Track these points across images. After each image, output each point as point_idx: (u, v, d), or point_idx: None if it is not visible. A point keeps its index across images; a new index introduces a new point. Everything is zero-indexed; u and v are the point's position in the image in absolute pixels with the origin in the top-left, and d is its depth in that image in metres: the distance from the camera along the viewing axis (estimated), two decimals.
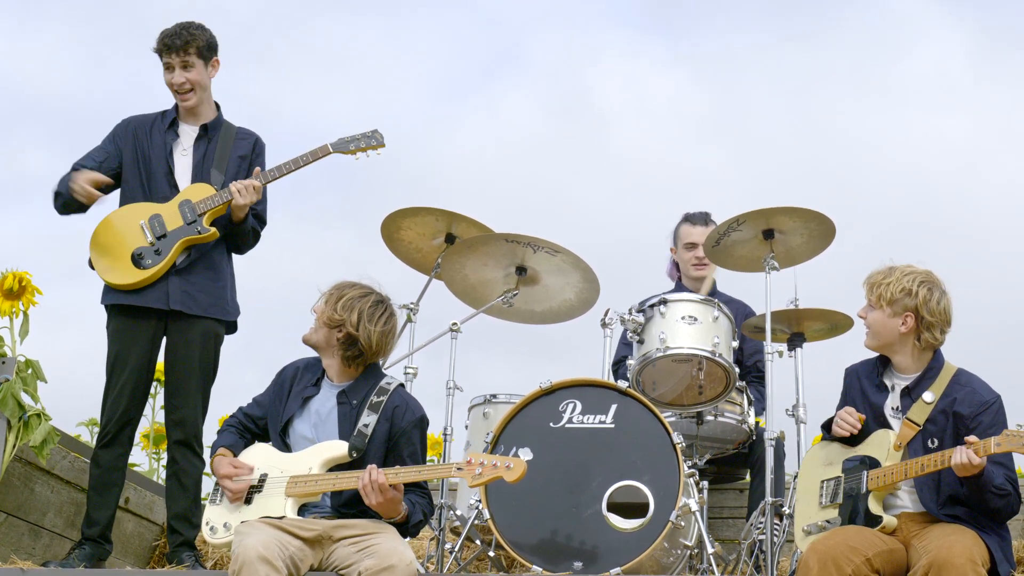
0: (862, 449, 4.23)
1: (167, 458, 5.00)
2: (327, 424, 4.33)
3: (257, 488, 4.26)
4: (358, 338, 4.30)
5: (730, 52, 11.83)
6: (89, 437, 6.05)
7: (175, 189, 4.96)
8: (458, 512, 5.03)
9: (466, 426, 5.36)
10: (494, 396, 5.26)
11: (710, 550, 4.60)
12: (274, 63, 11.41)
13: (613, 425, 4.59)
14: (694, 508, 4.53)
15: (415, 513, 4.22)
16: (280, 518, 4.12)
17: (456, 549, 4.85)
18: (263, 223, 5.09)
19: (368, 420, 4.26)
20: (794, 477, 4.69)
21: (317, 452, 4.26)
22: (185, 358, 4.88)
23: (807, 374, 5.10)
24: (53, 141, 11.66)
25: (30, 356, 4.84)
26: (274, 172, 4.98)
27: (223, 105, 5.18)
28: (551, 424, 4.63)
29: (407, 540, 4.24)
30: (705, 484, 4.86)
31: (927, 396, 4.16)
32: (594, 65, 12.22)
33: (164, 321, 4.89)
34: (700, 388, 5.14)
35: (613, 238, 10.63)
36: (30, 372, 4.79)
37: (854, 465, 4.22)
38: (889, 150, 11.17)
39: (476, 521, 4.76)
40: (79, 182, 4.88)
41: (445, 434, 5.13)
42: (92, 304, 4.98)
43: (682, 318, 5.02)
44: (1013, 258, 10.24)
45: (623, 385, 4.65)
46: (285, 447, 4.34)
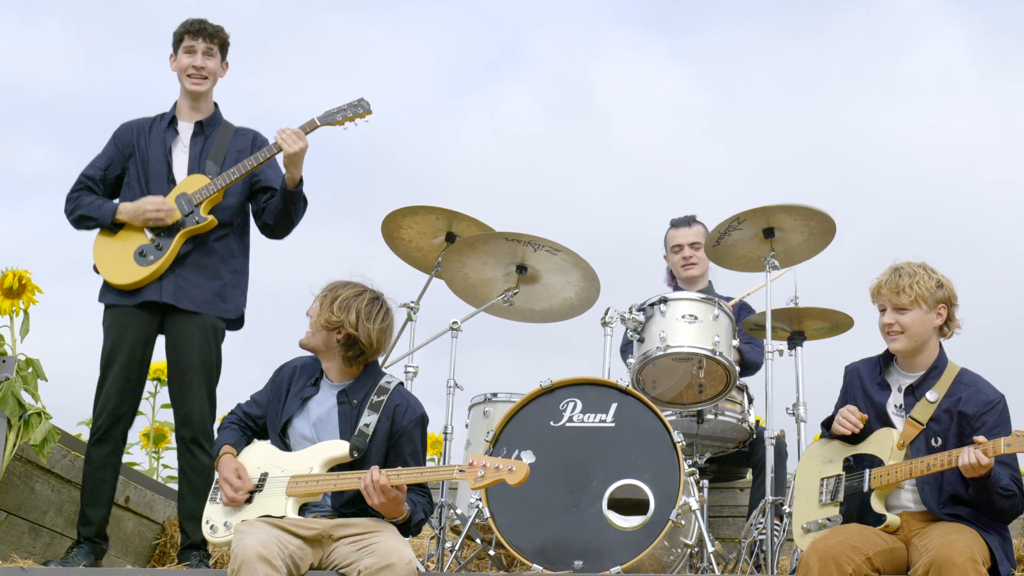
0: (864, 447, 4.22)
1: (177, 456, 4.99)
2: (327, 424, 4.31)
3: (258, 487, 4.25)
4: (358, 338, 4.27)
5: (732, 49, 11.83)
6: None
7: (173, 185, 4.97)
8: (458, 511, 5.03)
9: (466, 425, 5.36)
10: (494, 395, 5.26)
11: (710, 549, 4.60)
12: (275, 61, 11.41)
13: (613, 424, 4.59)
14: (694, 507, 4.53)
15: (416, 512, 4.22)
16: (280, 517, 4.11)
17: (456, 548, 4.85)
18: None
19: (369, 419, 4.25)
20: (794, 475, 4.69)
21: (318, 452, 4.24)
22: (184, 354, 4.87)
23: (807, 373, 5.11)
24: (54, 139, 11.67)
25: (30, 355, 4.84)
26: (265, 153, 4.93)
27: (224, 102, 5.22)
28: (551, 423, 4.63)
29: (407, 539, 4.23)
30: (705, 483, 4.87)
31: (931, 395, 4.15)
32: (596, 62, 12.23)
33: (160, 317, 4.89)
34: (700, 387, 5.14)
35: (614, 236, 10.63)
36: (30, 371, 4.79)
37: (855, 463, 4.21)
38: (891, 146, 11.18)
39: (476, 520, 4.77)
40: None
41: (445, 433, 5.12)
42: (92, 302, 4.99)
43: (682, 317, 5.02)
44: (1015, 255, 10.24)
45: (624, 383, 4.65)
46: (285, 446, 4.33)
